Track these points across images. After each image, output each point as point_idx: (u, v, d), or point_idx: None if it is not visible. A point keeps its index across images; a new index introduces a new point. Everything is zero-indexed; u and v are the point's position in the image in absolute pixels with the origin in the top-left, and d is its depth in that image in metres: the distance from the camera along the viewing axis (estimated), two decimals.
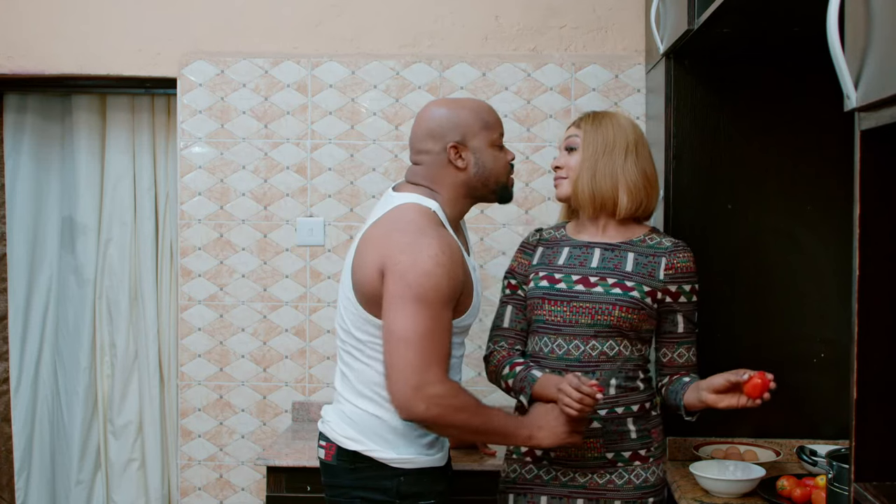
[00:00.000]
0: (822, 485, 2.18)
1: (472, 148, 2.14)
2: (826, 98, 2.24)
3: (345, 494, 2.13)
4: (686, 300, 2.24)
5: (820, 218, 2.69)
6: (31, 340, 3.56)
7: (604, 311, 2.17)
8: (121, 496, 3.53)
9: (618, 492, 2.20)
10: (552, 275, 2.24)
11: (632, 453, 2.21)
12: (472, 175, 2.15)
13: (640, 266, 2.21)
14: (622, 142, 2.22)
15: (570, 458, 2.21)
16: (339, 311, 2.17)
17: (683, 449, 2.66)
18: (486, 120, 2.17)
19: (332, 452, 2.13)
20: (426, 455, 2.13)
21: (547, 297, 2.22)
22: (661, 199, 2.76)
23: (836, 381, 2.65)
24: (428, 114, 2.18)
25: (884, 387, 1.45)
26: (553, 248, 2.30)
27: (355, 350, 2.12)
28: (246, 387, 3.29)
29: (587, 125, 2.27)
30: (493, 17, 3.23)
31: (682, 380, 2.24)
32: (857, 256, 1.45)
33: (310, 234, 3.25)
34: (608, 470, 2.20)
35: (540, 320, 2.23)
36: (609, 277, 2.20)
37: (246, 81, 3.25)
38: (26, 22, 3.27)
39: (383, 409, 2.09)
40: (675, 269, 2.22)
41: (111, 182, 3.51)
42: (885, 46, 1.31)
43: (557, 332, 2.20)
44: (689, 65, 2.72)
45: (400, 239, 2.01)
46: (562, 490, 2.23)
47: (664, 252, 2.23)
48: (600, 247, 2.25)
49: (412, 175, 2.18)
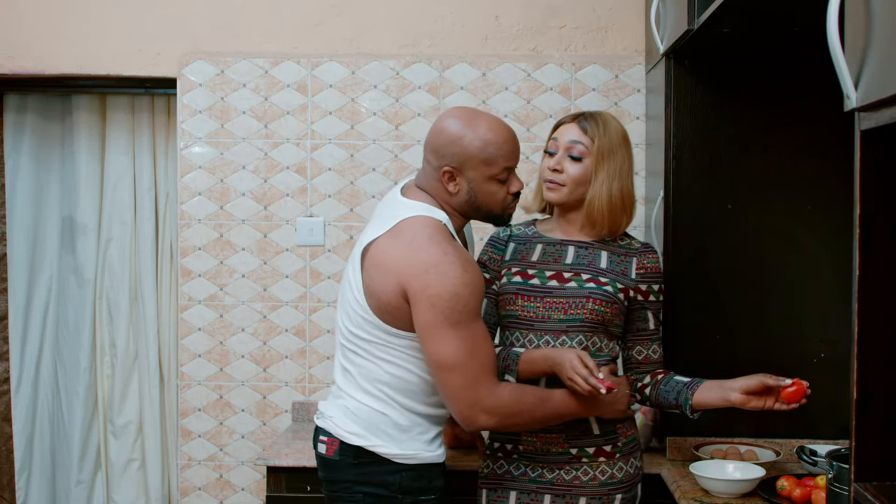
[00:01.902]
0: (822, 485, 2.18)
1: (468, 178, 2.10)
2: (826, 98, 2.24)
3: (347, 489, 2.14)
4: (655, 299, 2.28)
5: (820, 218, 2.69)
6: (32, 340, 3.56)
7: (577, 304, 2.18)
8: (121, 496, 3.53)
9: (583, 488, 2.20)
10: (525, 270, 2.25)
11: (596, 449, 2.21)
12: (462, 201, 2.13)
13: (614, 264, 2.24)
14: (627, 161, 2.24)
15: (537, 453, 2.22)
16: (343, 311, 2.17)
17: (683, 449, 2.66)
18: (490, 155, 2.08)
19: (335, 447, 2.14)
20: (428, 451, 2.15)
21: (520, 292, 2.22)
22: (660, 198, 2.76)
23: (836, 381, 2.65)
24: (442, 124, 2.13)
25: (884, 387, 1.45)
26: (526, 245, 2.30)
27: (359, 349, 2.13)
28: (246, 387, 3.29)
29: (597, 136, 2.20)
30: (493, 17, 3.23)
31: (674, 378, 2.26)
32: (857, 256, 1.45)
33: (310, 234, 3.25)
34: (574, 466, 2.21)
35: (512, 315, 2.24)
36: (583, 273, 2.21)
37: (246, 81, 3.25)
38: (26, 22, 3.27)
39: (388, 405, 2.11)
40: (645, 269, 2.26)
41: (111, 182, 3.51)
42: (885, 46, 1.31)
43: (529, 328, 2.21)
44: (689, 65, 2.72)
45: (423, 260, 2.01)
46: (530, 486, 2.23)
47: (635, 252, 2.27)
48: (574, 244, 2.27)
49: (419, 177, 2.19)
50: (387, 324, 2.08)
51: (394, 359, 2.11)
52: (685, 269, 2.72)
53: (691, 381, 2.22)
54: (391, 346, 2.10)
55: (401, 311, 2.05)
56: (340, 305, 2.20)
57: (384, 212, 2.18)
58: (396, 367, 2.11)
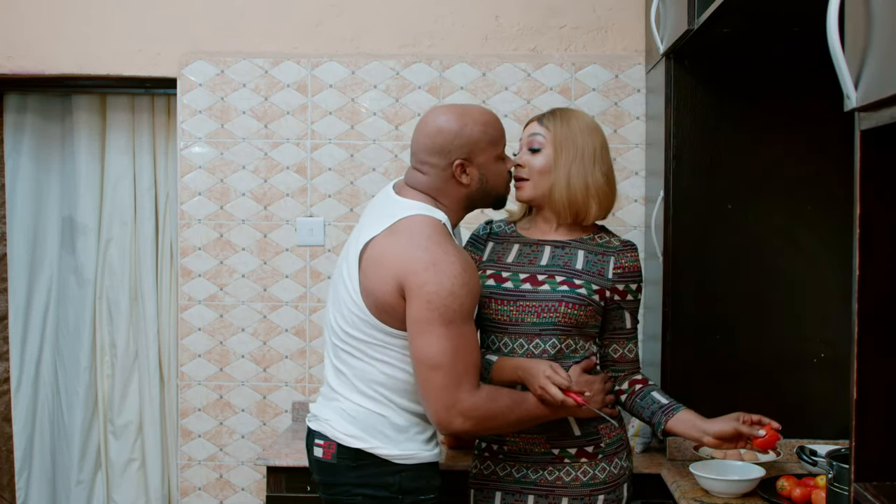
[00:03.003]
0: (822, 485, 2.18)
1: (478, 164, 2.13)
2: (826, 98, 2.24)
3: (346, 492, 2.13)
4: (632, 298, 2.25)
5: (820, 218, 2.70)
6: (32, 340, 3.56)
7: (550, 308, 2.16)
8: (121, 496, 3.53)
9: (566, 488, 2.19)
10: (499, 273, 2.23)
11: (578, 450, 2.20)
12: (474, 189, 2.15)
13: (590, 264, 2.21)
14: (590, 147, 2.20)
15: (521, 453, 2.22)
16: (337, 311, 2.16)
17: (683, 449, 2.66)
18: (492, 135, 2.14)
19: (332, 451, 2.13)
20: (425, 450, 2.14)
21: (493, 295, 2.21)
22: (660, 198, 2.76)
23: (836, 381, 2.65)
24: (435, 125, 2.13)
25: (884, 387, 1.45)
26: (503, 244, 2.29)
27: (354, 349, 2.12)
28: (246, 387, 3.29)
29: (554, 126, 2.21)
30: (493, 17, 3.23)
31: (651, 393, 2.24)
32: (857, 256, 1.45)
33: (310, 234, 3.25)
34: (556, 466, 2.20)
35: (487, 318, 2.23)
36: (557, 275, 2.19)
37: (246, 81, 3.25)
38: (27, 22, 3.27)
39: (385, 406, 2.10)
40: (623, 268, 2.22)
41: (111, 182, 3.51)
42: (885, 46, 1.31)
43: (504, 332, 2.20)
44: (689, 65, 2.72)
45: (422, 257, 2.01)
46: (514, 486, 2.23)
47: (613, 251, 2.23)
48: (550, 244, 2.24)
49: (414, 181, 2.16)
50: (384, 323, 2.07)
51: (389, 359, 2.10)
52: (685, 269, 2.73)
53: (668, 405, 2.21)
54: (386, 346, 2.09)
55: (398, 310, 2.04)
56: (333, 305, 2.18)
57: (379, 211, 2.16)
58: (392, 367, 2.10)
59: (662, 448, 2.73)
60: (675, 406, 2.21)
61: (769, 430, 2.12)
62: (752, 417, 2.16)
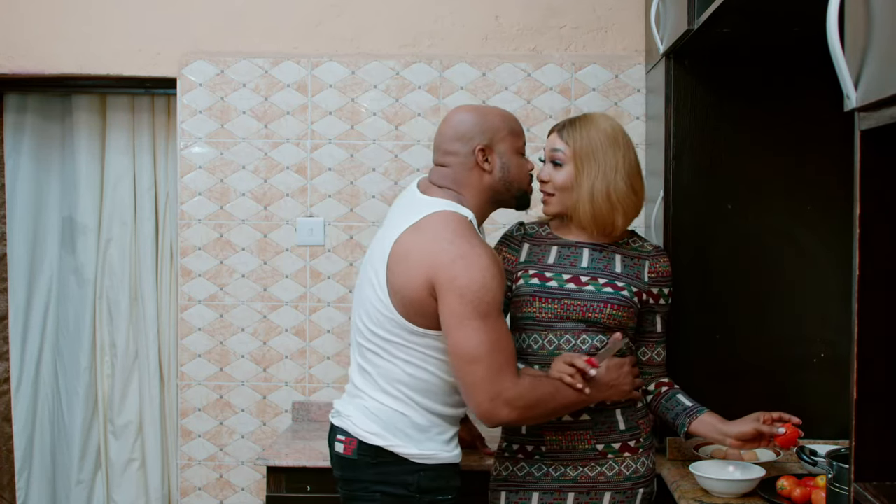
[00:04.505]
0: (822, 485, 2.18)
1: (499, 152, 2.17)
2: (826, 98, 2.24)
3: (365, 489, 2.15)
4: (664, 303, 2.31)
5: (820, 218, 2.69)
6: (32, 340, 3.56)
7: (595, 308, 2.20)
8: (121, 496, 3.53)
9: (608, 483, 2.23)
10: (543, 273, 2.25)
11: (621, 444, 2.24)
12: (497, 179, 2.18)
13: (628, 268, 2.26)
14: (612, 160, 2.20)
15: (562, 451, 2.23)
16: (363, 310, 2.16)
17: (683, 449, 2.66)
18: (512, 127, 2.21)
19: (353, 447, 2.14)
20: (446, 451, 2.16)
21: (538, 294, 2.23)
22: (660, 198, 2.76)
23: (836, 381, 2.65)
24: (457, 117, 2.20)
25: (884, 387, 1.45)
26: (541, 247, 2.30)
27: (379, 349, 2.13)
28: (246, 387, 3.29)
29: (573, 140, 2.22)
30: (493, 17, 3.23)
31: (676, 395, 2.31)
32: (857, 256, 1.45)
33: (310, 234, 3.25)
34: (599, 462, 2.23)
35: (529, 317, 2.24)
36: (600, 277, 2.23)
37: (246, 81, 3.25)
38: (27, 22, 3.27)
39: (407, 405, 2.12)
40: (657, 273, 2.29)
41: (111, 182, 3.51)
42: (885, 46, 1.31)
43: (548, 329, 2.22)
44: (689, 65, 2.72)
45: (449, 250, 2.02)
46: (553, 485, 2.24)
47: (647, 256, 2.29)
48: (588, 247, 2.27)
49: (438, 177, 2.18)
50: (411, 322, 2.08)
51: (413, 359, 2.11)
52: (685, 269, 2.72)
53: (691, 408, 2.28)
54: (411, 347, 2.10)
55: (426, 307, 2.05)
56: (359, 305, 2.19)
57: (404, 209, 2.17)
58: (416, 367, 2.12)
59: (662, 448, 2.73)
60: (698, 409, 2.28)
61: (789, 427, 2.18)
62: (773, 415, 2.22)
